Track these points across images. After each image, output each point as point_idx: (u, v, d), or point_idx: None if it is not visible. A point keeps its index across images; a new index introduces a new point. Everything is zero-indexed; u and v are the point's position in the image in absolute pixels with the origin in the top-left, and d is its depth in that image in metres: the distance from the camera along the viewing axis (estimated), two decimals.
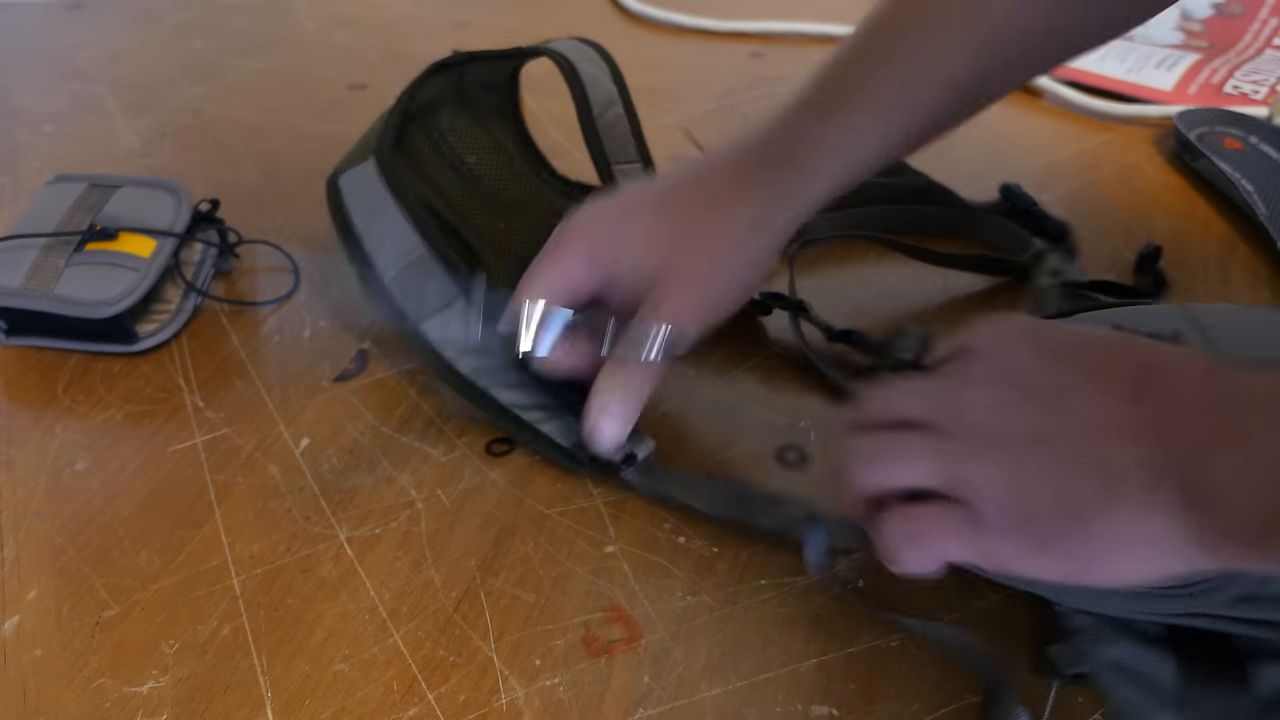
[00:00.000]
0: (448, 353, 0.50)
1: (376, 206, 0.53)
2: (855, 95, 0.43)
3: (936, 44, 0.42)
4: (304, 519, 0.48)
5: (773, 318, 0.58)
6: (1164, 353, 0.34)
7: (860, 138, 0.43)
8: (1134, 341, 0.35)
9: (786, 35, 0.93)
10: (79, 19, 1.00)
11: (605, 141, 0.56)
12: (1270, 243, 0.63)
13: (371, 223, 0.53)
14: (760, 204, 0.43)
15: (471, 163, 0.63)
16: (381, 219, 0.53)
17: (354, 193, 0.55)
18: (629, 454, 0.47)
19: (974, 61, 0.42)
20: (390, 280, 0.51)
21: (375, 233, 0.52)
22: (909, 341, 0.50)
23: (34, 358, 0.58)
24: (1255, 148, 0.70)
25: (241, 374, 0.56)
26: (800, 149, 0.43)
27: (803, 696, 0.40)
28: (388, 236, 0.52)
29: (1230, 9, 0.93)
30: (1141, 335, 0.44)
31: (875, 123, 0.43)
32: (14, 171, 0.75)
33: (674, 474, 0.48)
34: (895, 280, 0.62)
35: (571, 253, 0.45)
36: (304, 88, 0.87)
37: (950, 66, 0.42)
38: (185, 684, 0.41)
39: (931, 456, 0.35)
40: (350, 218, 0.54)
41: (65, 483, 0.50)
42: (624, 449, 0.47)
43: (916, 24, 0.42)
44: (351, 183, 0.55)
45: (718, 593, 0.44)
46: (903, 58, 0.42)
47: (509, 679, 0.41)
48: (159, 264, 0.57)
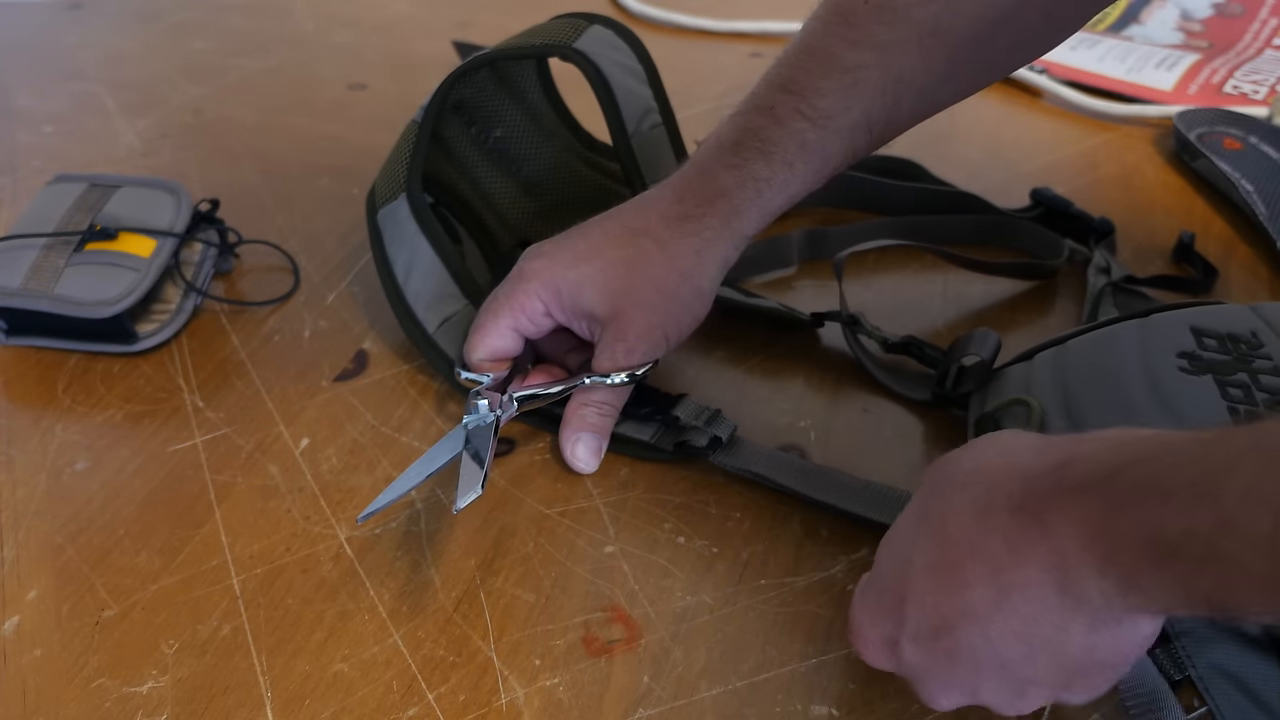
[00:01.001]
0: None
1: (415, 253, 0.55)
2: (771, 151, 0.47)
3: (849, 94, 0.46)
4: (304, 519, 0.48)
5: (826, 330, 0.58)
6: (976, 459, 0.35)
7: (775, 184, 0.48)
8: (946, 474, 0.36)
9: (786, 35, 0.93)
10: (79, 19, 1.00)
11: (641, 157, 0.56)
12: (1270, 243, 0.64)
13: (411, 273, 0.55)
14: (697, 240, 0.48)
15: (499, 135, 0.64)
16: (420, 268, 0.55)
17: (393, 233, 0.56)
18: (714, 438, 0.49)
19: (887, 106, 0.47)
20: (434, 331, 0.55)
21: (415, 283, 0.55)
22: (981, 344, 0.50)
23: (34, 358, 0.58)
24: (1255, 148, 0.70)
25: (241, 374, 0.56)
26: (724, 194, 0.48)
27: (803, 696, 0.40)
28: (428, 286, 0.55)
29: (1230, 9, 0.93)
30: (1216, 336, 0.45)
31: (788, 171, 0.47)
32: (14, 171, 0.75)
33: (755, 451, 0.49)
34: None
35: (535, 297, 0.49)
36: (304, 88, 0.87)
37: (863, 112, 0.46)
38: (185, 684, 0.41)
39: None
40: (392, 266, 0.56)
41: (65, 483, 0.50)
42: (708, 434, 0.49)
43: (827, 71, 0.46)
44: (389, 221, 0.56)
45: (718, 593, 0.44)
46: (818, 108, 0.46)
47: (509, 679, 0.41)
48: (159, 264, 0.57)
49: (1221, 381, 0.42)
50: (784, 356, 0.57)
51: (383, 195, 0.57)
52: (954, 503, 0.33)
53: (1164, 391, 0.42)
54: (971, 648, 0.32)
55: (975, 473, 0.34)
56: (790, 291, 0.62)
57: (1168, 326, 0.46)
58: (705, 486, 0.49)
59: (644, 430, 0.51)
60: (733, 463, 0.48)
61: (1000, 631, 0.32)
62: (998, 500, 0.32)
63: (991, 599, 0.31)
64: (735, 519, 0.48)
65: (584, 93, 0.56)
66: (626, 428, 0.51)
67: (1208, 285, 0.60)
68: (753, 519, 0.48)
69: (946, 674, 0.34)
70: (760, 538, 0.47)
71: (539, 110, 0.65)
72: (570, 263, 0.48)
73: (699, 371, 0.56)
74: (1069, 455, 0.31)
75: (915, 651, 0.34)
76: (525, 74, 0.65)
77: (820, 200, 0.69)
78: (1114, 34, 0.92)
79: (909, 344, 0.54)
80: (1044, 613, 0.31)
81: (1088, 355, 0.47)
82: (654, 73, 0.58)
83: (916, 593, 0.34)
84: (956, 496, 0.33)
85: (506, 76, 0.64)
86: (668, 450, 0.50)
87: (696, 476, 0.50)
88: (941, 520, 0.33)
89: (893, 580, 0.35)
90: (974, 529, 0.32)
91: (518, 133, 0.65)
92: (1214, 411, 0.41)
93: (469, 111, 0.64)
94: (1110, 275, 0.59)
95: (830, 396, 0.54)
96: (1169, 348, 0.45)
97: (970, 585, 0.32)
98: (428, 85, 0.58)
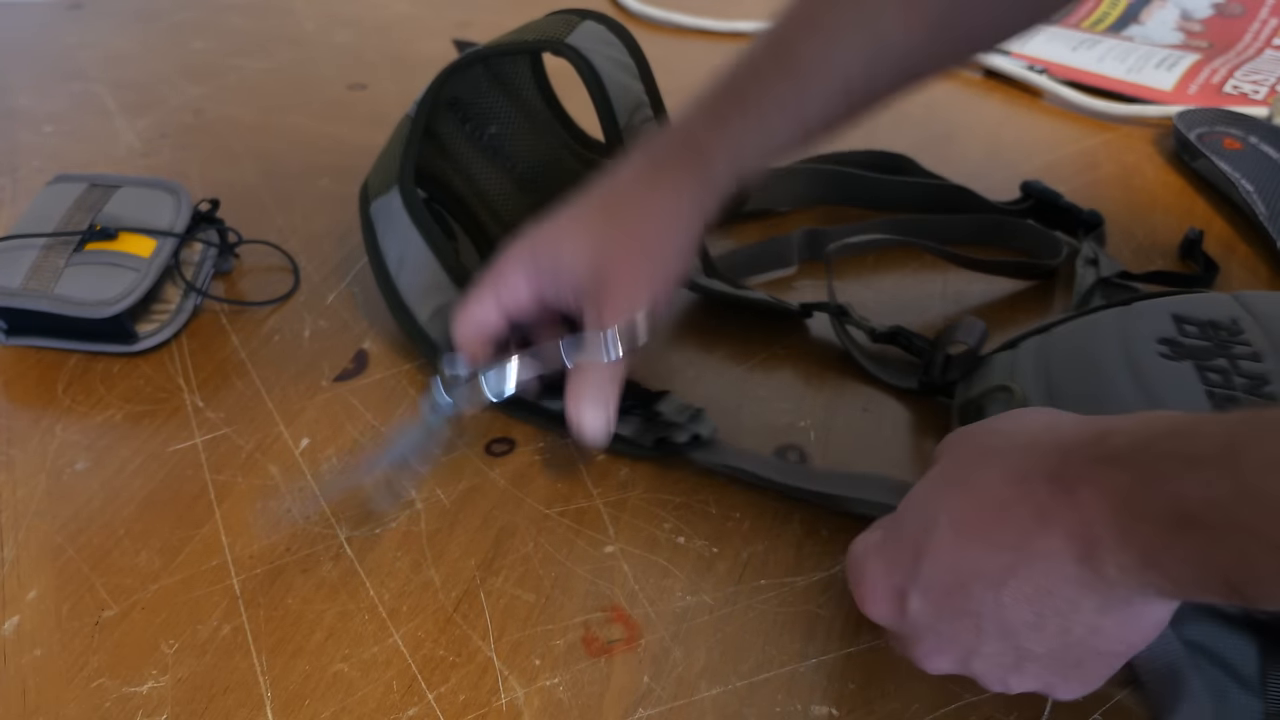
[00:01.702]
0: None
1: (407, 245, 0.55)
2: (748, 104, 0.47)
3: (827, 54, 0.46)
4: (304, 519, 0.48)
5: (815, 321, 0.59)
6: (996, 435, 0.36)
7: (749, 135, 0.47)
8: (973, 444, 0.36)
9: None
10: (79, 19, 1.00)
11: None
12: (1270, 243, 0.64)
13: (403, 264, 0.55)
14: (677, 198, 0.47)
15: (493, 132, 0.64)
16: (412, 259, 0.55)
17: (385, 225, 0.56)
18: (694, 435, 0.49)
19: (866, 69, 0.46)
20: (425, 322, 0.55)
21: (407, 275, 0.55)
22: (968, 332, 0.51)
23: (34, 358, 0.58)
24: (1255, 148, 0.70)
25: (241, 374, 0.56)
26: (703, 151, 0.47)
27: (803, 696, 0.40)
28: (419, 277, 0.55)
29: (1230, 9, 0.93)
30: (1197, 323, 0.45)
31: (762, 125, 0.47)
32: (14, 171, 0.75)
33: (735, 451, 0.49)
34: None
35: (516, 263, 0.48)
36: (304, 88, 0.87)
37: (842, 75, 0.46)
38: (185, 684, 0.41)
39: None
40: (384, 258, 0.56)
41: (65, 483, 0.50)
42: (688, 431, 0.49)
43: (808, 32, 0.46)
44: (382, 214, 0.56)
45: (718, 593, 0.44)
46: (796, 66, 0.46)
47: (509, 679, 0.41)
48: (159, 264, 0.57)
49: (1201, 367, 0.43)
50: (783, 357, 0.57)
51: (375, 188, 0.57)
52: (989, 466, 0.34)
53: (1144, 377, 0.43)
54: (980, 608, 0.33)
55: (1014, 439, 0.34)
56: (791, 291, 0.62)
57: (1149, 314, 0.47)
58: (705, 486, 0.49)
59: (625, 425, 0.50)
60: (713, 459, 0.49)
61: (1013, 596, 0.32)
62: (1035, 468, 0.32)
63: (1010, 562, 0.32)
64: (735, 519, 0.48)
65: (578, 89, 0.56)
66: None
67: (1208, 280, 0.60)
68: (753, 519, 0.48)
69: (948, 632, 0.34)
70: (760, 538, 0.47)
71: (533, 107, 0.66)
72: (547, 229, 0.48)
73: (699, 372, 0.56)
74: (1106, 428, 0.32)
75: (922, 606, 0.35)
76: (520, 71, 0.65)
77: (819, 198, 0.69)
78: (1114, 34, 0.92)
79: (896, 334, 0.55)
80: (1060, 583, 0.31)
81: (1070, 342, 0.48)
82: (645, 67, 0.58)
83: (936, 548, 0.34)
84: (993, 460, 0.34)
85: (501, 74, 0.64)
86: (647, 446, 0.50)
87: (696, 477, 0.50)
88: (973, 482, 0.34)
89: (912, 534, 0.35)
90: (1007, 493, 0.33)
91: (512, 129, 0.65)
92: (1193, 396, 0.42)
93: (463, 108, 0.64)
94: (1099, 266, 0.59)
95: (830, 396, 0.54)
96: (1150, 334, 0.45)
97: (994, 548, 0.32)
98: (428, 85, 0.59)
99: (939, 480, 0.36)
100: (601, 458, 0.51)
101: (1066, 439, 0.33)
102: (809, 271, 0.63)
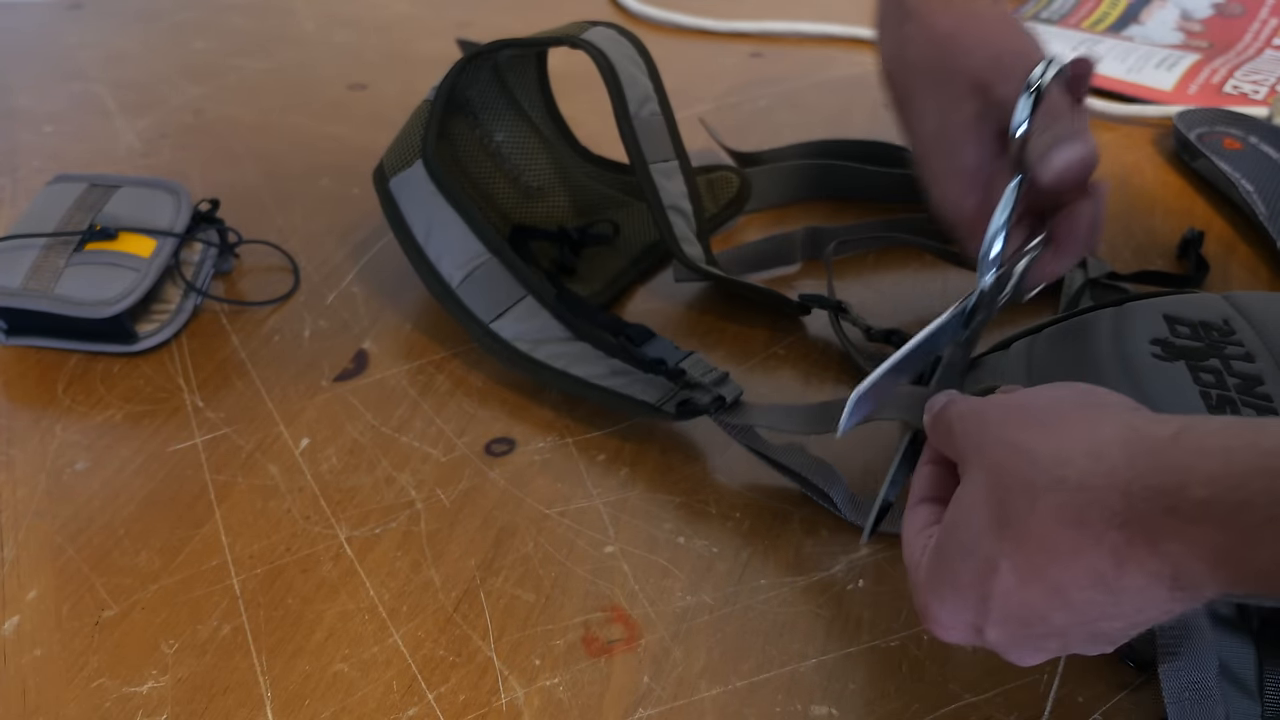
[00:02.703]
0: (521, 345, 0.54)
1: (434, 214, 0.56)
2: None
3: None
4: (304, 519, 0.48)
5: (814, 321, 0.59)
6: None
7: None
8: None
9: (786, 35, 0.93)
10: (79, 19, 1.00)
11: (642, 140, 0.58)
12: (1270, 243, 0.63)
13: (431, 233, 0.56)
14: None
15: (500, 140, 0.66)
16: (440, 228, 0.56)
17: (408, 198, 0.57)
18: (719, 397, 0.49)
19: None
20: (458, 286, 0.55)
21: (436, 242, 0.56)
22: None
23: (34, 358, 0.58)
24: (1255, 148, 0.70)
25: (241, 374, 0.56)
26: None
27: (803, 696, 0.40)
28: (449, 244, 0.55)
29: (1230, 9, 0.93)
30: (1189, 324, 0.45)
31: None
32: (14, 171, 0.75)
33: (759, 409, 0.49)
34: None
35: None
36: (304, 88, 0.87)
37: None
38: (185, 684, 0.41)
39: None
40: (411, 229, 0.56)
41: (65, 483, 0.50)
42: (712, 393, 0.49)
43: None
44: (404, 188, 0.57)
45: (718, 593, 0.44)
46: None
47: (509, 679, 0.41)
48: (159, 264, 0.57)
49: (1194, 367, 0.43)
50: (783, 357, 0.57)
51: (394, 166, 0.58)
52: (1040, 505, 0.32)
53: (1137, 377, 0.43)
54: (1066, 629, 0.33)
55: (1061, 473, 0.32)
56: (793, 289, 0.62)
57: (1141, 314, 0.47)
58: (705, 486, 0.49)
59: (649, 388, 0.51)
60: (736, 420, 0.48)
61: (1107, 626, 0.32)
62: (1094, 512, 0.31)
63: (1094, 599, 0.31)
64: (735, 519, 0.48)
65: (584, 93, 0.56)
66: (632, 386, 0.51)
67: (1198, 280, 0.60)
68: (753, 519, 0.48)
69: (1035, 644, 0.34)
70: (760, 538, 0.47)
71: (538, 120, 0.67)
72: None
73: None
74: (1180, 476, 0.30)
75: (999, 635, 0.34)
76: (527, 83, 0.66)
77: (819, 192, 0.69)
78: (1114, 34, 0.92)
79: (891, 333, 0.55)
80: (1154, 604, 0.31)
81: (1062, 342, 0.48)
82: (653, 68, 0.60)
83: (1004, 593, 0.33)
84: (1043, 498, 0.32)
85: (508, 83, 0.66)
86: (670, 413, 0.50)
87: (697, 476, 0.50)
88: (1028, 526, 0.32)
89: (970, 579, 0.34)
90: (1070, 538, 0.31)
91: (518, 138, 0.66)
92: (1186, 397, 0.41)
93: (474, 112, 0.65)
94: (1086, 268, 0.59)
95: (830, 396, 0.54)
96: (1142, 335, 0.45)
97: (1071, 590, 0.32)
98: (428, 85, 0.59)
99: (984, 511, 0.34)
100: (601, 458, 0.51)
101: (1124, 479, 0.31)
102: (811, 270, 0.63)
